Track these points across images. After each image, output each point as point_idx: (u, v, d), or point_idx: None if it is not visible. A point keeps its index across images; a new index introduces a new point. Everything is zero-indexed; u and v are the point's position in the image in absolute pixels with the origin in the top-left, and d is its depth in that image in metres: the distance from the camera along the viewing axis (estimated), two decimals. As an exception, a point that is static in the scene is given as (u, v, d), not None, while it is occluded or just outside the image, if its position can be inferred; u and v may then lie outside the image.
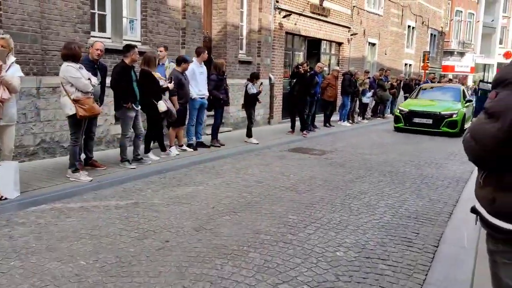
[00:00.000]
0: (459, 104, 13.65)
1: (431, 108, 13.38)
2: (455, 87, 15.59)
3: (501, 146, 1.74)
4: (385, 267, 3.79)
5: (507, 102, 1.70)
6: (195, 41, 10.12)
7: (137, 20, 8.90)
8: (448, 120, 12.90)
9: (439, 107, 13.38)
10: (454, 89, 15.23)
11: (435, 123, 13.00)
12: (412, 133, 13.09)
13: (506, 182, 1.79)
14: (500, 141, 1.72)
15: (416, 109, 13.46)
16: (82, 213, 4.88)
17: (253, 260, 3.77)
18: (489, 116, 1.77)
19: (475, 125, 1.86)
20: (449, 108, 13.23)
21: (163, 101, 7.35)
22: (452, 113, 13.02)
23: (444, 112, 13.06)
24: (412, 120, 13.30)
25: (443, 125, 12.92)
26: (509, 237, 1.80)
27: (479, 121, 1.83)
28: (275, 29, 13.50)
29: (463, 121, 13.21)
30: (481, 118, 1.83)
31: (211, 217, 4.86)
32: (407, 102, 14.68)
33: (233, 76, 11.57)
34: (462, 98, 14.09)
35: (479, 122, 1.83)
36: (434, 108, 13.37)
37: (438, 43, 31.80)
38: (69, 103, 5.63)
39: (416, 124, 13.23)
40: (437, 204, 5.86)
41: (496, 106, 1.75)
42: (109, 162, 6.95)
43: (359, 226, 4.79)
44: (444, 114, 12.98)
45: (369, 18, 20.33)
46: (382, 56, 22.36)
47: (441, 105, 13.51)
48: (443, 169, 8.17)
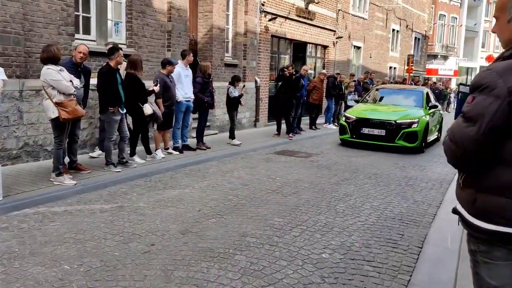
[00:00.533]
0: (422, 111, 10.90)
1: (385, 116, 10.51)
2: (417, 90, 12.79)
3: (480, 149, 1.80)
4: (370, 268, 3.82)
5: (483, 107, 1.76)
6: (180, 43, 10.09)
7: (122, 23, 8.84)
8: (406, 131, 10.15)
9: (396, 114, 10.58)
10: (415, 92, 12.41)
11: (389, 135, 10.21)
12: (359, 148, 10.41)
13: (486, 184, 1.85)
14: (479, 144, 1.78)
15: (366, 116, 10.61)
16: (66, 217, 4.83)
17: (239, 263, 3.77)
18: (467, 120, 1.83)
19: (454, 129, 1.91)
20: (407, 116, 10.46)
21: (149, 104, 7.32)
22: (412, 122, 10.25)
23: (401, 120, 10.25)
24: (360, 131, 10.48)
25: (399, 137, 10.16)
26: (489, 237, 1.85)
27: (458, 124, 1.89)
28: (261, 32, 13.54)
29: (426, 133, 10.52)
30: (459, 122, 1.88)
31: (197, 220, 4.85)
32: (357, 107, 11.74)
33: (219, 79, 11.56)
34: (425, 103, 11.40)
35: (458, 125, 1.88)
36: (389, 115, 10.53)
37: (422, 46, 32.21)
38: (52, 106, 5.56)
39: (365, 136, 10.43)
40: (422, 205, 5.93)
41: (472, 110, 1.81)
42: (93, 165, 6.89)
43: (344, 228, 4.82)
44: (401, 123, 10.18)
45: (354, 22, 20.51)
46: (367, 59, 22.56)
47: (398, 112, 10.74)
48: (427, 171, 8.27)
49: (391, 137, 10.19)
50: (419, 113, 10.72)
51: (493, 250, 1.87)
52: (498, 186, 1.81)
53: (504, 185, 1.79)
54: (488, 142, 1.77)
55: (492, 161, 1.82)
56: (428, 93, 12.37)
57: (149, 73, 8.91)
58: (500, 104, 1.72)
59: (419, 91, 12.44)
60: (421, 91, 12.31)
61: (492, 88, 1.75)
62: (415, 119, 10.36)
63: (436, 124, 12.15)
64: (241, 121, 12.72)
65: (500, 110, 1.73)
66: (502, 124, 1.74)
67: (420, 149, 10.33)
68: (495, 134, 1.76)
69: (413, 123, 10.26)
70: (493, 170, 1.82)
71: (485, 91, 1.77)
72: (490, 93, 1.75)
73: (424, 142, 10.48)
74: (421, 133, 10.26)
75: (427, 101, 11.67)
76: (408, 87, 15.20)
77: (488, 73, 1.81)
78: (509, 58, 1.83)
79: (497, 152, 1.79)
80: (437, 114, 12.32)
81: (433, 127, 11.58)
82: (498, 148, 1.79)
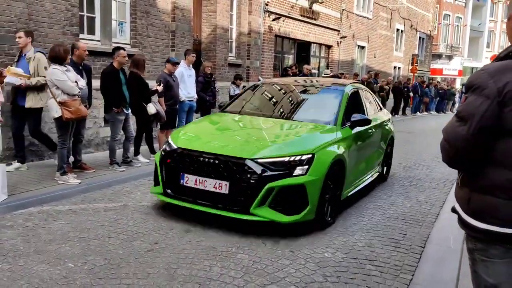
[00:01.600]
0: (328, 134, 5.14)
1: (229, 147, 4.68)
2: (333, 88, 6.39)
3: (471, 148, 1.83)
4: (373, 267, 3.84)
5: (474, 107, 1.80)
6: (184, 43, 10.13)
7: (126, 23, 8.89)
8: (278, 185, 4.31)
9: (257, 143, 4.81)
10: (328, 91, 6.37)
11: (236, 195, 4.42)
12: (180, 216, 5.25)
13: (479, 183, 1.88)
14: (470, 143, 1.82)
15: (195, 147, 4.78)
16: (71, 215, 4.86)
17: (241, 261, 3.79)
18: (459, 120, 1.87)
19: (448, 128, 1.95)
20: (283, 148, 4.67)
21: (153, 104, 7.35)
22: (292, 161, 4.45)
23: (265, 158, 4.43)
24: (180, 183, 4.71)
25: (262, 201, 4.31)
26: (485, 236, 1.87)
27: (451, 123, 1.93)
28: (265, 32, 13.56)
29: (335, 184, 4.92)
30: (453, 121, 1.92)
31: (200, 218, 4.87)
32: (188, 127, 5.85)
33: (222, 78, 11.60)
34: (341, 116, 5.55)
35: (451, 124, 1.92)
36: (239, 146, 4.73)
37: (426, 46, 32.13)
38: (55, 106, 5.61)
39: (190, 192, 4.65)
40: (425, 205, 5.93)
41: (464, 110, 1.85)
42: (98, 164, 6.93)
43: (347, 227, 4.83)
44: (266, 166, 4.38)
45: (358, 21, 20.50)
46: (371, 59, 22.54)
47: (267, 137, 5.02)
48: (431, 171, 8.27)
49: (242, 200, 4.40)
50: (317, 140, 4.91)
51: (490, 249, 1.89)
52: (490, 185, 1.84)
53: (496, 184, 1.82)
54: (478, 141, 1.81)
55: (484, 160, 1.85)
56: (357, 94, 6.34)
57: (153, 73, 8.97)
58: (489, 104, 1.76)
59: (336, 90, 6.20)
60: (341, 90, 6.04)
61: (483, 88, 1.79)
62: (303, 154, 4.54)
63: (372, 154, 6.48)
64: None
65: (490, 110, 1.76)
66: (492, 124, 1.77)
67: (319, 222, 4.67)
68: (485, 134, 1.79)
69: (296, 165, 4.45)
70: (485, 169, 1.86)
71: (477, 91, 1.81)
72: (481, 93, 1.79)
73: (321, 210, 4.63)
74: (317, 188, 4.48)
75: (345, 109, 5.66)
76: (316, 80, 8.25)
77: (480, 74, 1.85)
78: (504, 58, 1.85)
79: (489, 152, 1.82)
80: (377, 133, 6.63)
81: (361, 164, 5.93)
82: (489, 148, 1.82)
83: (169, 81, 7.91)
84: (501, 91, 1.75)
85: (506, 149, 1.79)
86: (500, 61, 1.85)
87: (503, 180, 1.80)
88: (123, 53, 6.71)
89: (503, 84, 1.75)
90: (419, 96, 22.55)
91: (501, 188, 1.81)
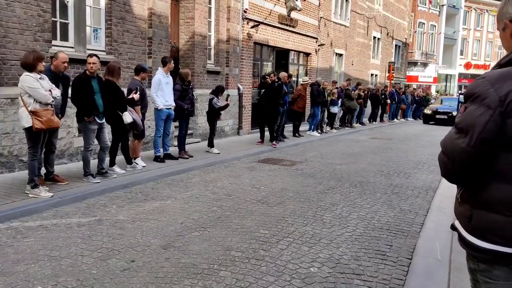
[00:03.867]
0: None
1: None
2: None
3: (471, 161, 1.70)
4: (361, 282, 3.69)
5: (474, 117, 1.67)
6: (162, 50, 9.90)
7: (101, 29, 8.63)
8: None
9: None
10: None
11: None
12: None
13: (483, 199, 1.75)
14: (470, 156, 1.69)
15: None
16: (41, 232, 4.59)
17: (224, 279, 3.60)
18: (458, 131, 1.74)
19: (446, 140, 1.82)
20: None
21: (129, 112, 7.11)
22: None
23: None
24: None
25: None
26: (488, 256, 1.74)
27: (450, 135, 1.80)
28: (244, 39, 13.43)
29: None
30: (452, 133, 1.79)
31: (179, 233, 4.66)
32: None
33: (201, 86, 11.41)
34: None
35: (450, 137, 1.79)
36: None
37: (402, 54, 32.59)
38: (26, 115, 5.32)
39: None
40: (409, 214, 5.84)
41: (464, 121, 1.72)
42: (71, 176, 6.64)
43: (332, 239, 4.69)
44: None
45: (336, 29, 20.59)
46: (349, 67, 22.66)
47: None
48: (412, 179, 8.23)
49: None
50: None
51: (493, 269, 1.76)
52: (494, 202, 1.70)
53: (499, 201, 1.69)
54: (479, 154, 1.67)
55: (486, 175, 1.71)
56: None
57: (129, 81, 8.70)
58: (491, 114, 1.63)
59: None
60: None
61: (483, 98, 1.66)
62: None
63: None
64: (224, 128, 12.57)
65: (492, 121, 1.63)
66: (494, 136, 1.64)
67: None
68: (487, 147, 1.66)
69: None
70: (489, 185, 1.72)
71: (477, 101, 1.68)
72: (481, 103, 1.66)
73: None
74: None
75: None
76: None
77: (480, 82, 1.72)
78: (505, 65, 1.73)
79: (491, 166, 1.69)
80: None
81: None
82: (492, 162, 1.69)
83: (143, 89, 7.69)
84: (503, 100, 1.62)
85: (509, 163, 1.66)
86: (500, 68, 1.73)
87: (507, 196, 1.67)
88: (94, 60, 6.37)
89: (505, 93, 1.62)
90: (396, 103, 22.79)
91: (504, 205, 1.68)
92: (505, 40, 1.81)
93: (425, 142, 14.36)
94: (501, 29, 1.81)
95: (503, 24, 1.78)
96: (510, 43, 1.77)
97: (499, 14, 1.81)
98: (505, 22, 1.76)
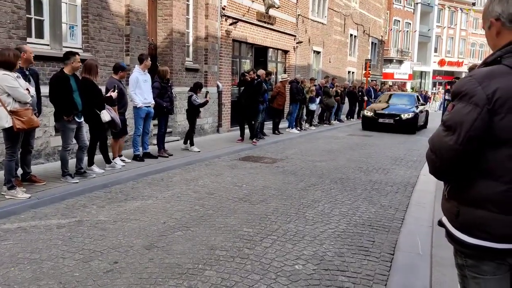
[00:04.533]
0: None
1: None
2: None
3: (459, 159, 1.73)
4: (345, 279, 3.72)
5: (462, 115, 1.69)
6: (139, 48, 9.77)
7: (77, 26, 8.45)
8: None
9: None
10: None
11: None
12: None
13: (470, 196, 1.78)
14: (458, 153, 1.71)
15: None
16: (20, 234, 4.47)
17: (209, 279, 3.57)
18: (446, 129, 1.76)
19: (434, 138, 1.84)
20: None
21: (107, 111, 6.99)
22: None
23: None
24: None
25: None
26: (475, 252, 1.77)
27: (438, 133, 1.82)
28: (222, 36, 13.37)
29: None
30: (440, 130, 1.81)
31: (162, 233, 4.61)
32: None
33: (180, 84, 11.31)
34: None
35: (438, 134, 1.81)
36: None
37: (378, 51, 32.98)
38: (5, 115, 5.16)
39: None
40: (389, 210, 5.92)
41: (452, 118, 1.74)
42: (49, 176, 6.50)
43: (315, 236, 4.72)
44: None
45: (313, 27, 20.69)
46: (326, 64, 22.81)
47: None
48: (391, 174, 8.34)
49: None
50: None
51: (481, 265, 1.79)
52: (481, 198, 1.73)
53: (486, 197, 1.72)
54: (467, 152, 1.70)
55: (473, 171, 1.74)
56: None
57: (107, 78, 8.56)
58: (479, 112, 1.66)
59: None
60: None
61: (471, 96, 1.68)
62: None
63: None
64: (203, 126, 12.49)
65: (480, 119, 1.66)
66: (482, 134, 1.67)
67: None
68: (475, 144, 1.69)
69: None
70: (476, 181, 1.75)
71: (464, 99, 1.71)
72: (469, 101, 1.69)
73: None
74: None
75: None
76: None
77: (467, 80, 1.74)
78: (492, 64, 1.76)
79: (479, 163, 1.72)
80: None
81: None
82: (479, 159, 1.72)
83: (121, 88, 7.57)
84: (490, 98, 1.64)
85: (497, 160, 1.69)
86: (487, 67, 1.76)
87: (494, 192, 1.70)
88: (78, 58, 6.32)
89: (493, 91, 1.65)
90: (373, 100, 23.04)
91: (491, 201, 1.71)
92: (490, 39, 1.83)
93: (401, 138, 14.58)
94: (486, 27, 1.83)
95: (488, 22, 1.81)
96: (495, 42, 1.80)
97: (484, 12, 1.83)
98: (491, 20, 1.79)
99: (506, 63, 1.69)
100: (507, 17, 1.73)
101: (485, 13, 1.83)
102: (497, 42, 1.78)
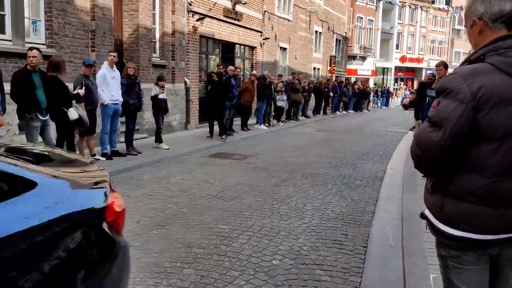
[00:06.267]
0: None
1: None
2: None
3: (444, 154, 1.78)
4: (322, 272, 3.79)
5: (447, 111, 1.75)
6: (105, 44, 9.57)
7: (41, 21, 8.19)
8: None
9: None
10: None
11: None
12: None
13: (452, 189, 1.84)
14: (444, 149, 1.77)
15: None
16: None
17: (188, 277, 3.56)
18: (432, 125, 1.81)
19: (420, 134, 1.89)
20: None
21: (74, 108, 6.83)
22: None
23: None
24: None
25: None
26: (458, 243, 1.84)
27: (423, 129, 1.86)
28: (189, 32, 13.26)
29: None
30: (425, 126, 1.85)
31: (137, 232, 4.56)
32: None
33: (147, 80, 11.12)
34: None
35: (424, 130, 1.86)
36: None
37: (342, 47, 33.48)
38: (-33, 114, 4.98)
39: None
40: (359, 204, 6.05)
41: (437, 115, 1.79)
42: (14, 177, 6.27)
43: (290, 231, 4.77)
44: None
45: (279, 23, 20.79)
46: (293, 60, 22.99)
47: None
48: (359, 169, 8.51)
49: None
50: None
51: (463, 255, 1.87)
52: (463, 191, 1.80)
53: (469, 190, 1.79)
54: (453, 147, 1.76)
55: (457, 166, 1.81)
56: None
57: (72, 75, 8.33)
58: (464, 109, 1.71)
59: None
60: None
61: (456, 93, 1.74)
62: None
63: None
64: (171, 123, 12.36)
65: (465, 115, 1.71)
66: (467, 129, 1.73)
67: None
68: (460, 139, 1.75)
69: None
70: (458, 175, 1.81)
71: (450, 96, 1.76)
72: (454, 98, 1.74)
73: None
74: None
75: None
76: None
77: (452, 77, 1.80)
78: (475, 62, 1.83)
79: (462, 157, 1.79)
80: None
81: None
82: (463, 153, 1.78)
83: (88, 85, 7.40)
84: (475, 95, 1.70)
85: (479, 154, 1.76)
86: (471, 64, 1.82)
87: (477, 186, 1.77)
88: (33, 53, 6.07)
89: (477, 88, 1.70)
90: (338, 95, 23.42)
91: (474, 194, 1.77)
92: (472, 37, 1.90)
93: (367, 133, 14.90)
94: (469, 26, 1.89)
95: (471, 21, 1.86)
96: (477, 40, 1.86)
97: (467, 12, 1.89)
98: (474, 19, 1.85)
99: (489, 61, 1.76)
100: (489, 16, 1.79)
101: (468, 12, 1.88)
102: (479, 41, 1.85)
